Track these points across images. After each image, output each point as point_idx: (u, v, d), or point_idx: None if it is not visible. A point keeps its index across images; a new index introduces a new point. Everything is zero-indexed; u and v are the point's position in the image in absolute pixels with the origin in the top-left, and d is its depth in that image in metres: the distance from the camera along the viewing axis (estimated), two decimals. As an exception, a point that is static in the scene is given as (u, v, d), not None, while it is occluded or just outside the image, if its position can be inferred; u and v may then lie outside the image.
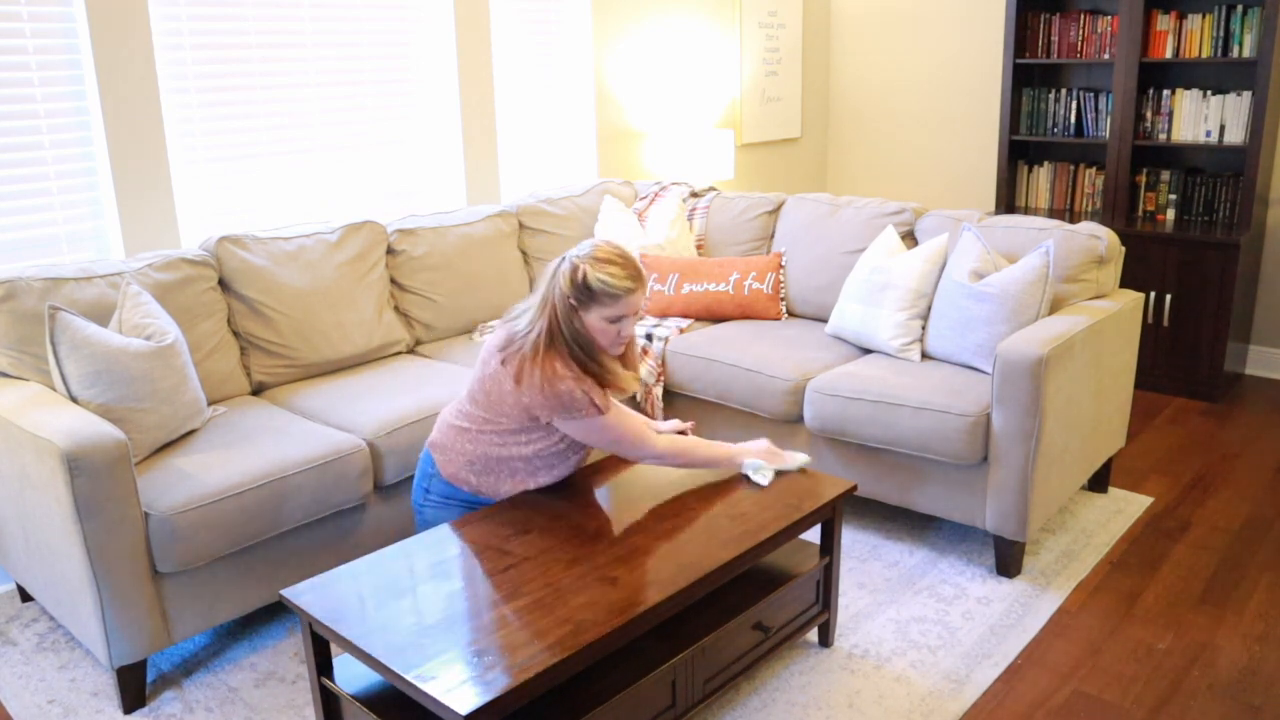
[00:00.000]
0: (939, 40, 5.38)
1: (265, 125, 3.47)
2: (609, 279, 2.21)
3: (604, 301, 2.23)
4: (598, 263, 2.22)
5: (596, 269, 2.21)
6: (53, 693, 2.50)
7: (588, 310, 2.24)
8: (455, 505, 2.41)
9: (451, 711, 1.64)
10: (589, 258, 2.23)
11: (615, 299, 2.23)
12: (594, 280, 2.21)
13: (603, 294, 2.22)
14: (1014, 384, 2.72)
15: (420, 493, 2.47)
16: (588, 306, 2.24)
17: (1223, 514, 3.30)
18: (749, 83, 5.30)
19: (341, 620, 1.91)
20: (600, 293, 2.22)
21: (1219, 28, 4.25)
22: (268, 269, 3.12)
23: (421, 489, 2.46)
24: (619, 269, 2.23)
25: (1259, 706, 2.34)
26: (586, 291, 2.22)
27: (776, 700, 2.39)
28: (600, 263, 2.23)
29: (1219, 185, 4.45)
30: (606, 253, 2.25)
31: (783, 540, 2.26)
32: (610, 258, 2.24)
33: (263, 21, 3.40)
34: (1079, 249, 3.16)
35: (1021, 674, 2.48)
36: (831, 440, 3.14)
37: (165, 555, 2.34)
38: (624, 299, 2.24)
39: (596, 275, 2.21)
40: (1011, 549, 2.88)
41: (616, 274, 2.22)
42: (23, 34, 2.90)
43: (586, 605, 1.93)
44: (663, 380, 3.55)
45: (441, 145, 4.05)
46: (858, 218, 3.69)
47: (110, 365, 2.50)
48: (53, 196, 3.03)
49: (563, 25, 4.41)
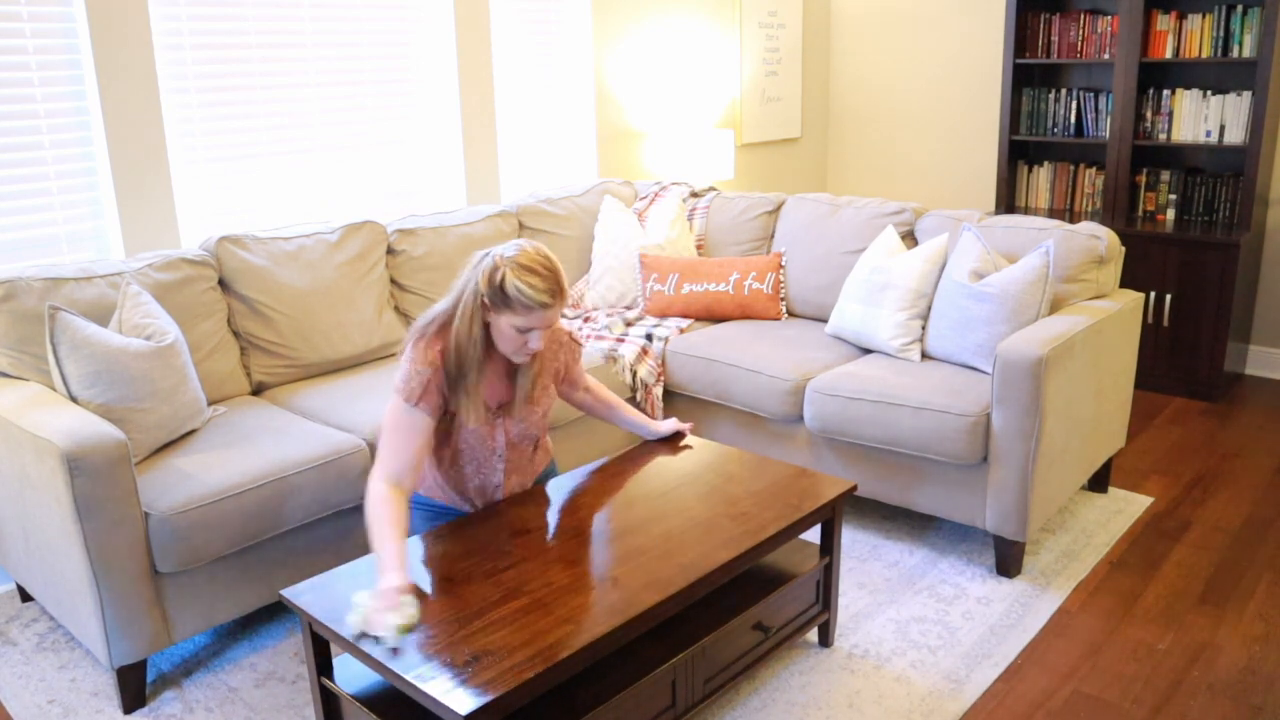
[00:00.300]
0: (939, 40, 5.38)
1: (265, 125, 3.47)
2: (526, 289, 2.06)
3: (516, 309, 2.08)
4: (520, 269, 2.07)
5: (516, 275, 2.07)
6: (53, 693, 2.50)
7: (499, 314, 2.11)
8: (424, 509, 2.37)
9: (451, 711, 1.65)
10: (512, 261, 2.08)
11: (529, 310, 2.08)
12: (510, 286, 2.06)
13: (516, 302, 2.07)
14: (1014, 384, 2.72)
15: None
16: (499, 310, 2.10)
17: (1223, 514, 3.30)
18: (749, 83, 5.30)
19: (341, 620, 1.90)
20: (515, 300, 2.07)
21: (1219, 28, 4.25)
22: (268, 269, 3.12)
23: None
24: (539, 280, 2.08)
25: (1259, 706, 2.34)
26: (501, 295, 2.08)
27: (776, 700, 2.39)
28: (522, 269, 2.07)
29: (1219, 185, 4.45)
30: (531, 259, 2.09)
31: (783, 540, 2.26)
32: (533, 266, 2.08)
33: (263, 21, 3.40)
34: (1079, 249, 3.16)
35: (1021, 674, 2.48)
36: (831, 440, 3.14)
37: (165, 555, 2.34)
38: (537, 312, 2.09)
39: (514, 282, 2.06)
40: (1011, 549, 2.88)
41: (536, 285, 2.07)
42: (23, 34, 2.90)
43: (586, 605, 1.93)
44: (663, 380, 3.55)
45: (441, 145, 4.05)
46: (858, 218, 3.69)
47: (110, 365, 2.50)
48: (53, 196, 3.03)
49: (563, 25, 4.41)
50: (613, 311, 3.84)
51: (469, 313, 2.13)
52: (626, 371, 3.47)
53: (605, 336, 3.57)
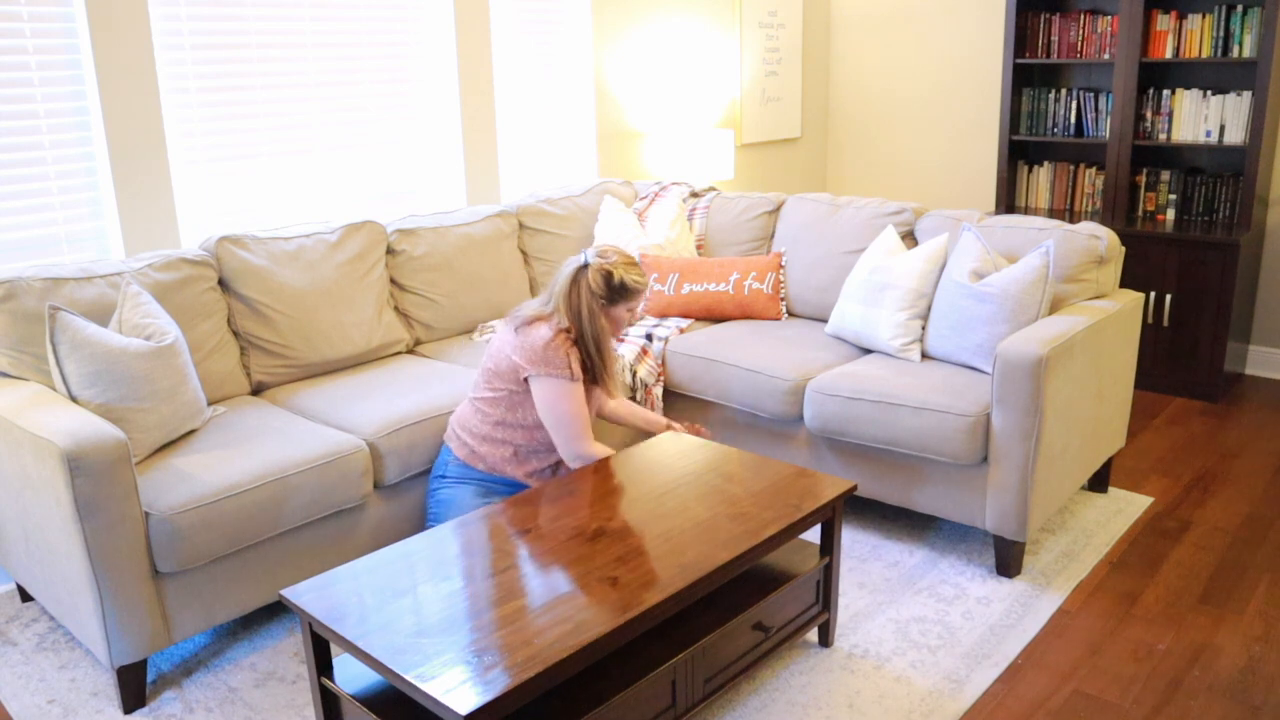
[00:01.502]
0: (939, 40, 5.38)
1: (265, 125, 3.47)
2: (639, 278, 2.69)
3: (632, 297, 2.69)
4: (626, 266, 2.67)
5: (626, 271, 2.66)
6: (53, 693, 2.50)
7: (616, 305, 2.68)
8: (470, 483, 2.73)
9: (451, 711, 1.65)
10: (618, 264, 2.67)
11: (639, 293, 2.70)
12: (629, 280, 2.66)
13: (634, 291, 2.68)
14: (1014, 384, 2.72)
15: (435, 479, 2.79)
16: (617, 302, 2.68)
17: (1223, 514, 3.30)
18: (749, 83, 5.30)
19: (341, 620, 1.91)
20: (632, 290, 2.68)
21: (1219, 28, 4.26)
22: (268, 269, 3.12)
23: (437, 475, 2.78)
24: (638, 270, 2.70)
25: (1259, 706, 2.34)
26: (622, 290, 2.66)
27: (776, 700, 2.39)
28: (628, 265, 2.68)
29: (1219, 185, 4.45)
30: (626, 258, 2.69)
31: (783, 540, 2.26)
32: (630, 260, 2.70)
33: (263, 21, 3.40)
34: (1079, 249, 3.16)
35: (1021, 674, 2.48)
36: (831, 440, 3.14)
37: (165, 555, 2.34)
38: (644, 292, 2.72)
39: (629, 277, 2.67)
40: (1011, 549, 2.88)
41: (640, 274, 2.70)
42: (23, 34, 2.90)
43: (586, 605, 1.93)
44: (663, 380, 3.55)
45: (441, 145, 4.05)
46: (858, 218, 3.69)
47: (110, 365, 2.50)
48: (53, 196, 3.03)
49: (563, 25, 4.41)
50: (613, 311, 3.84)
51: (593, 312, 2.66)
52: (626, 371, 3.47)
53: (605, 336, 3.58)
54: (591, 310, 2.65)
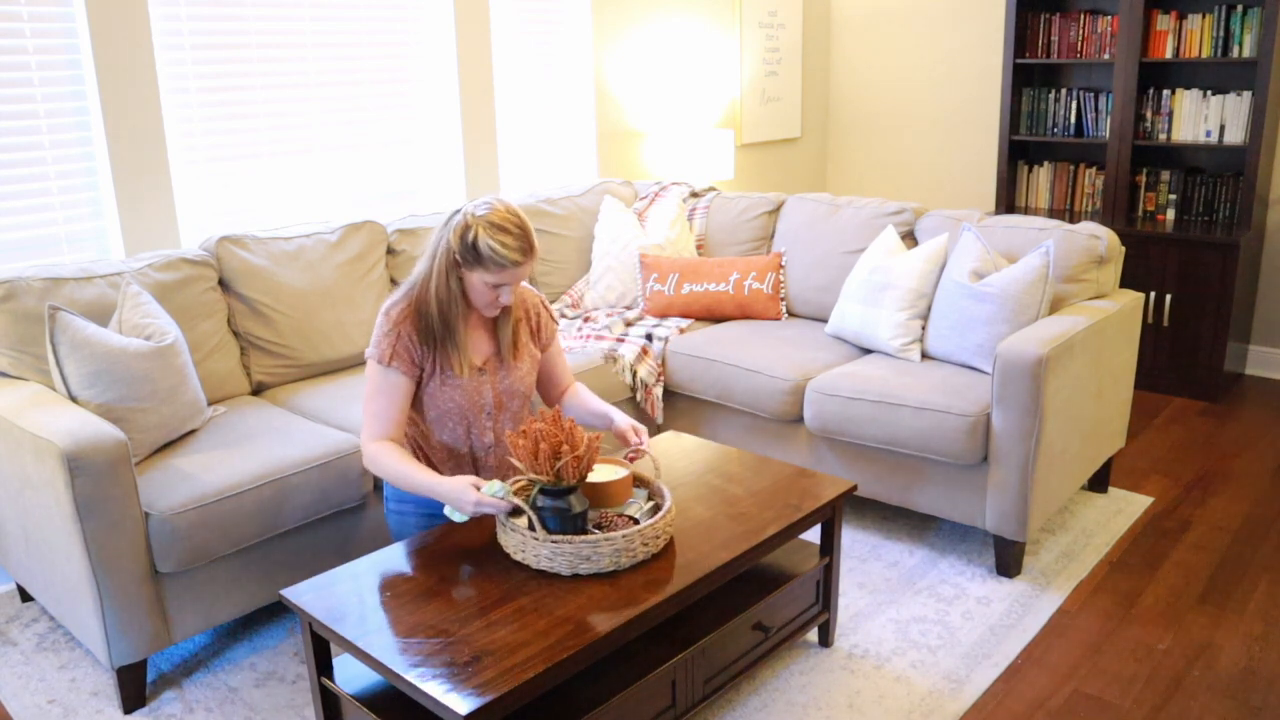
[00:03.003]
0: (939, 40, 5.38)
1: (265, 125, 3.47)
2: (499, 247, 2.13)
3: (489, 267, 2.16)
4: (491, 227, 2.14)
5: (489, 234, 2.13)
6: (53, 693, 2.50)
7: (471, 270, 2.18)
8: (408, 507, 2.36)
9: (451, 712, 1.65)
10: (484, 220, 2.15)
11: (501, 268, 2.16)
12: (483, 244, 2.13)
13: (489, 260, 2.15)
14: (1014, 384, 2.72)
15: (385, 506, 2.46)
16: (472, 267, 2.17)
17: (1223, 514, 3.30)
18: (749, 83, 5.30)
19: (341, 620, 1.91)
20: (487, 258, 2.14)
21: (1219, 28, 4.25)
22: (268, 269, 3.12)
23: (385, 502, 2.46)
24: (511, 239, 2.15)
25: (1259, 706, 2.34)
26: (474, 252, 2.15)
27: (776, 700, 2.39)
28: (494, 228, 2.14)
29: (1219, 185, 4.45)
30: (502, 217, 2.16)
31: (783, 540, 2.26)
32: (505, 224, 2.15)
33: (263, 21, 3.40)
34: (1079, 249, 3.16)
35: (1021, 674, 2.48)
36: (831, 440, 3.14)
37: (165, 555, 2.34)
38: (509, 269, 2.16)
39: (487, 240, 2.13)
40: (1011, 549, 2.88)
41: (508, 244, 2.14)
42: (23, 34, 2.90)
43: (586, 605, 1.93)
44: (663, 380, 3.55)
45: (441, 145, 4.05)
46: (858, 218, 3.69)
47: (110, 365, 2.50)
48: (53, 196, 3.03)
49: (563, 25, 4.41)
50: (613, 311, 3.84)
51: (444, 270, 2.20)
52: (626, 372, 3.47)
53: (605, 336, 3.57)
54: (443, 271, 2.20)
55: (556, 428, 2.06)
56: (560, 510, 2.05)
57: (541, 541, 2.01)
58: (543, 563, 2.03)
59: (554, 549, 2.01)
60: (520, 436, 2.07)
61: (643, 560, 2.08)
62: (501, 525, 2.11)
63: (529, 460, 2.04)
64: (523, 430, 2.07)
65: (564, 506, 2.05)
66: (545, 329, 2.47)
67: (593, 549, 2.01)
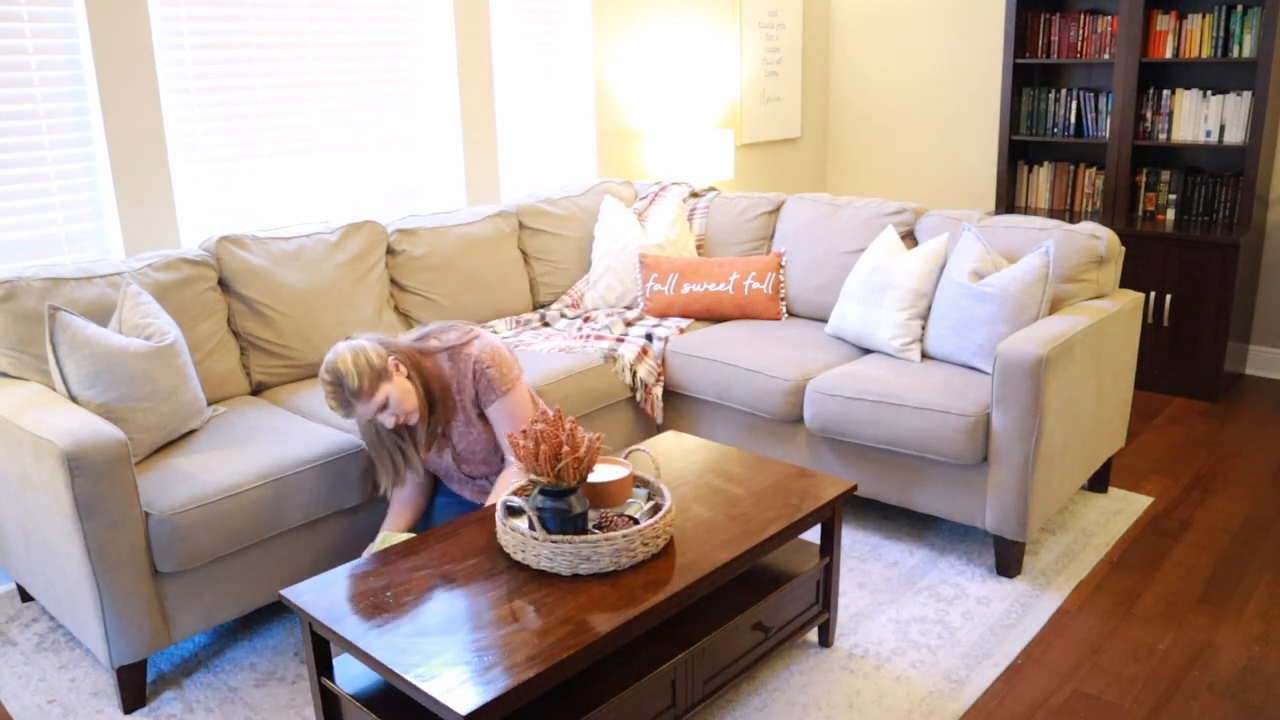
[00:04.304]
0: (939, 40, 5.38)
1: (265, 125, 3.47)
2: (324, 399, 2.41)
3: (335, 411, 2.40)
4: (323, 392, 2.38)
5: (325, 398, 2.38)
6: (53, 693, 2.50)
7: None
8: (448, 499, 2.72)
9: (451, 711, 1.65)
10: (320, 382, 2.41)
11: (345, 416, 2.40)
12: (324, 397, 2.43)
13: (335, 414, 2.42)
14: (1014, 384, 2.72)
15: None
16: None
17: (1223, 514, 3.30)
18: (749, 83, 5.30)
19: (341, 620, 1.91)
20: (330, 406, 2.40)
21: (1219, 28, 4.26)
22: (268, 269, 3.12)
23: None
24: (330, 400, 2.36)
25: (1259, 706, 2.34)
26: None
27: (776, 700, 2.39)
28: (324, 393, 2.38)
29: (1219, 185, 4.45)
30: (324, 381, 2.36)
31: (783, 540, 2.26)
32: (324, 388, 2.36)
33: (263, 21, 3.40)
34: (1079, 249, 3.16)
35: (1021, 674, 2.48)
36: (831, 440, 3.14)
37: (165, 555, 2.34)
38: (351, 415, 2.39)
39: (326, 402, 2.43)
40: (1011, 549, 2.88)
41: (326, 396, 2.37)
42: (23, 34, 2.90)
43: (586, 605, 1.93)
44: (662, 380, 3.55)
45: (441, 145, 4.05)
46: (858, 218, 3.69)
47: (110, 365, 2.50)
48: (53, 196, 3.03)
49: (563, 25, 4.41)
50: (613, 311, 3.84)
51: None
52: (626, 372, 3.47)
53: (605, 336, 3.57)
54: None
55: (557, 428, 2.07)
56: (560, 511, 2.05)
57: (541, 541, 2.02)
58: (543, 563, 2.04)
59: (554, 549, 2.01)
60: (521, 437, 2.08)
61: (643, 560, 2.08)
62: (502, 525, 2.11)
63: (530, 461, 2.05)
64: (523, 430, 2.09)
65: (564, 507, 2.05)
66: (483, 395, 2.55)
67: (593, 549, 2.01)
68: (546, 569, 2.04)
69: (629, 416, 3.55)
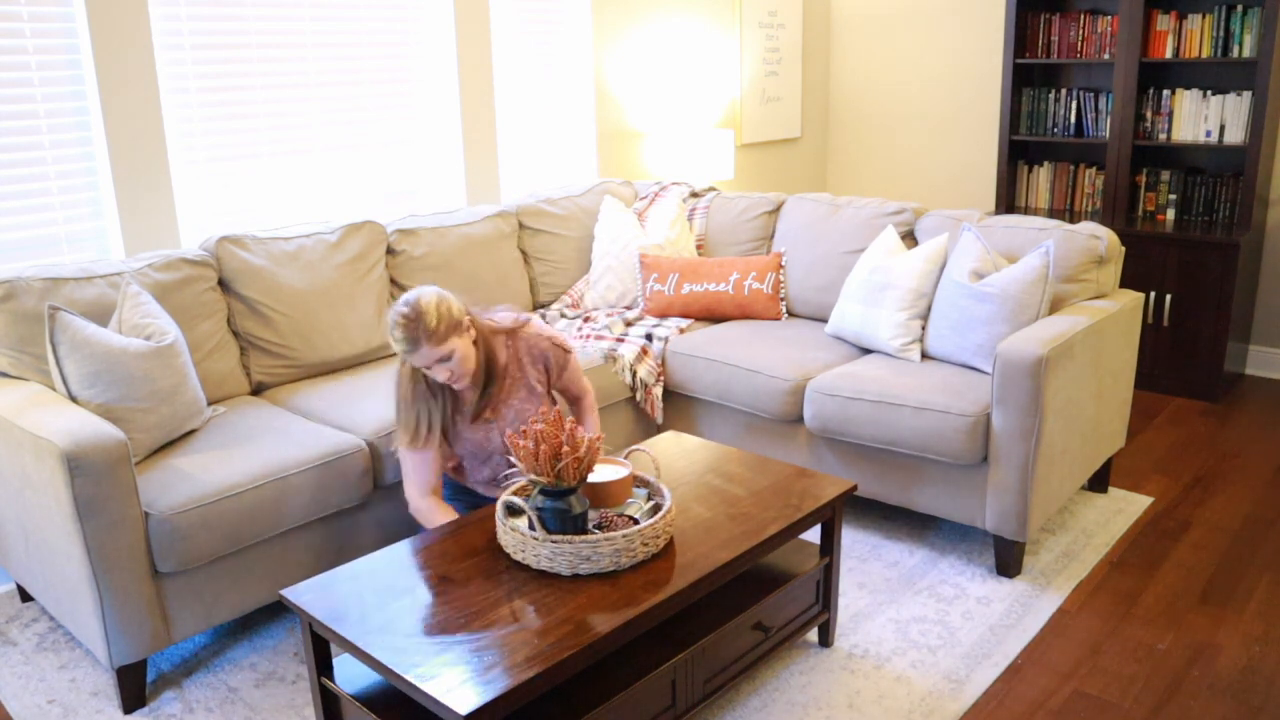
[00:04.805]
0: (939, 40, 5.38)
1: (265, 125, 3.47)
2: (393, 343, 2.35)
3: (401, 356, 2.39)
4: (391, 324, 2.33)
5: (390, 329, 2.33)
6: (53, 693, 2.50)
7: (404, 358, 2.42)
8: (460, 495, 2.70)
9: (451, 711, 1.65)
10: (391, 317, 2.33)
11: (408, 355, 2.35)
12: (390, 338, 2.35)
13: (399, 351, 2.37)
14: (1014, 384, 2.72)
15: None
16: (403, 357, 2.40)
17: (1223, 514, 3.30)
18: (749, 83, 5.30)
19: (341, 620, 1.91)
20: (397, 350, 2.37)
21: (1219, 28, 4.25)
22: (268, 269, 3.12)
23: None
24: (400, 331, 2.32)
25: (1259, 706, 2.34)
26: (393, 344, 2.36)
27: (776, 700, 2.39)
28: (391, 324, 2.33)
29: (1219, 185, 4.45)
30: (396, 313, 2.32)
31: (783, 540, 2.26)
32: (396, 320, 2.32)
33: (263, 21, 3.40)
34: (1079, 249, 3.16)
35: (1021, 674, 2.48)
36: (831, 440, 3.14)
37: (165, 555, 2.34)
38: (414, 355, 2.35)
39: (390, 335, 2.34)
40: (1011, 549, 2.88)
41: (396, 337, 2.33)
42: (23, 34, 2.90)
43: (586, 605, 1.93)
44: (663, 380, 3.55)
45: (441, 145, 4.05)
46: (858, 218, 3.69)
47: (110, 365, 2.50)
48: (53, 196, 3.03)
49: (563, 25, 4.41)
50: (613, 311, 3.84)
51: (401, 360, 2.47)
52: (626, 372, 3.47)
53: (605, 336, 3.57)
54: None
55: (557, 429, 2.07)
56: (560, 511, 2.05)
57: (541, 541, 2.02)
58: (543, 563, 2.04)
59: (554, 549, 2.01)
60: (521, 437, 2.08)
61: (643, 560, 2.08)
62: (502, 525, 2.11)
63: (529, 461, 2.05)
64: (523, 430, 2.09)
65: (564, 507, 2.05)
66: (553, 368, 2.67)
67: (593, 549, 2.01)
68: (546, 569, 2.04)
69: (629, 416, 3.55)
